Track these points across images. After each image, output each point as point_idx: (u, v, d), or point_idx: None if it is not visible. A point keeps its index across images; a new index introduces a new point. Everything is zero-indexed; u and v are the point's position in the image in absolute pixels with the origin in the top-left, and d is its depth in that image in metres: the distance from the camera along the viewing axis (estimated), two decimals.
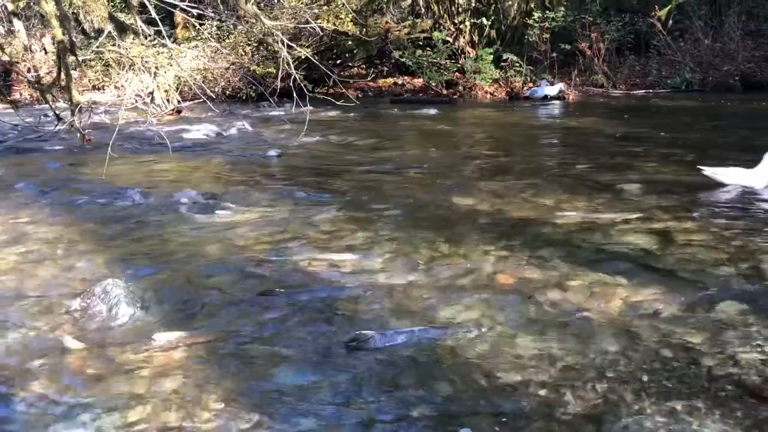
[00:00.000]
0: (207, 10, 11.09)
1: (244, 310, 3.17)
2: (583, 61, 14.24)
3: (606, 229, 4.24)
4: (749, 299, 3.09)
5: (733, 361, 2.56)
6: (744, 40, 14.17)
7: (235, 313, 3.14)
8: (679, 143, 7.57)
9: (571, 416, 2.25)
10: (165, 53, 10.61)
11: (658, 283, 3.31)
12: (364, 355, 2.69)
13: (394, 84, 15.20)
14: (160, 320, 3.08)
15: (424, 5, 15.07)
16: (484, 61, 13.97)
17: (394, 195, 5.35)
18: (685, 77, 13.57)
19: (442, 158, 7.27)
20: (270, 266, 3.71)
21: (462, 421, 2.25)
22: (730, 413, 2.23)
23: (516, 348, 2.72)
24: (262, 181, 6.04)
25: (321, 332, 2.92)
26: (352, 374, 2.56)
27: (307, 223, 4.55)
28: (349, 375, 2.55)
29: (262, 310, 3.15)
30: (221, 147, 8.23)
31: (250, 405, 2.36)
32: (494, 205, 4.92)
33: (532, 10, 14.74)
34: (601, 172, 6.07)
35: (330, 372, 2.58)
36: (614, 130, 8.84)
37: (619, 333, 2.82)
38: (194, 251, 4.02)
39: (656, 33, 14.23)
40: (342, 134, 9.00)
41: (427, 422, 2.25)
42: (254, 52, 13.12)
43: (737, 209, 4.82)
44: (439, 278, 3.48)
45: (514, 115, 10.96)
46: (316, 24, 8.76)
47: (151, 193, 5.48)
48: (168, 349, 2.77)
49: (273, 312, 3.13)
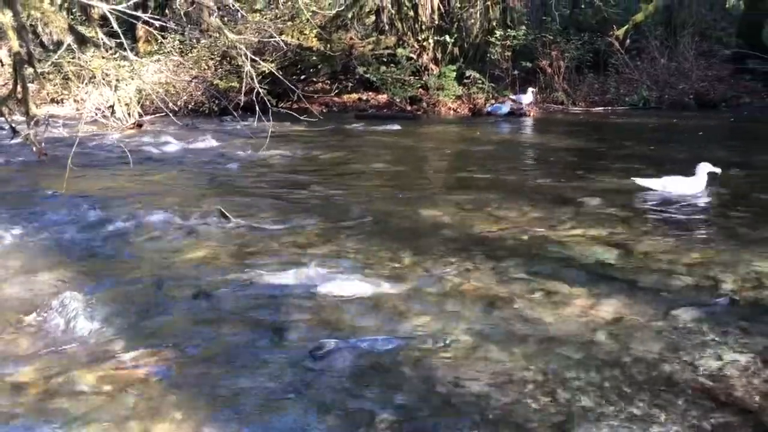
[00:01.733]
0: (170, 23, 11.00)
1: (205, 324, 3.13)
2: (544, 79, 14.50)
3: (566, 240, 4.31)
4: (704, 306, 3.17)
5: (690, 367, 2.62)
6: (698, 60, 14.63)
7: (196, 327, 3.10)
8: (635, 158, 7.75)
9: (534, 424, 2.27)
10: (126, 66, 10.48)
11: (617, 293, 3.38)
12: (326, 364, 2.68)
13: (359, 99, 15.26)
14: (120, 334, 3.02)
15: (388, 22, 15.20)
16: (447, 77, 14.14)
17: (359, 208, 5.36)
18: (643, 95, 13.91)
19: (406, 172, 7.31)
20: (232, 280, 3.67)
21: (423, 429, 2.25)
22: (689, 417, 2.28)
23: (478, 357, 2.74)
24: (225, 195, 5.99)
25: (284, 343, 2.91)
26: (314, 384, 2.54)
27: (270, 236, 4.52)
28: (311, 385, 2.54)
29: (223, 324, 3.12)
30: (184, 161, 8.14)
31: (211, 418, 2.33)
32: (458, 218, 4.97)
33: (494, 28, 14.99)
34: (561, 185, 6.18)
35: (293, 382, 2.56)
36: (574, 146, 9.01)
37: (579, 341, 2.86)
38: (156, 265, 3.96)
39: (614, 52, 14.60)
40: (306, 148, 8.99)
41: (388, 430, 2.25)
42: (217, 66, 13.07)
43: (688, 219, 4.96)
44: (403, 289, 3.49)
45: (476, 131, 11.08)
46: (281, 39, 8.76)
47: (112, 207, 5.38)
48: (128, 364, 2.71)
49: (235, 325, 3.10)
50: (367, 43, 14.57)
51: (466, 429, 2.25)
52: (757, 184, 6.34)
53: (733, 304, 3.23)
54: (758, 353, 2.71)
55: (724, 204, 5.49)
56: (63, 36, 7.21)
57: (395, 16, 15.08)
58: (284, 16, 12.93)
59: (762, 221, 4.72)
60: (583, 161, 7.82)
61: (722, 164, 5.71)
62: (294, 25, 12.55)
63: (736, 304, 3.22)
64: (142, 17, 5.25)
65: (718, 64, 15.03)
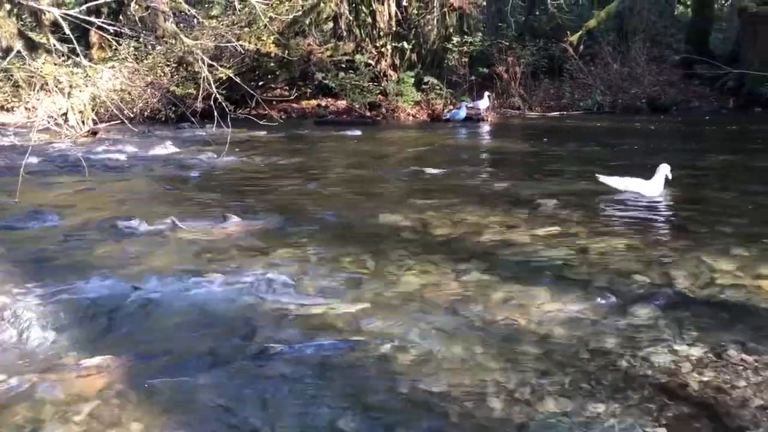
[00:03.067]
0: (124, 29, 10.83)
1: (160, 331, 3.09)
2: (501, 84, 14.70)
3: (525, 241, 4.37)
4: (659, 303, 3.25)
5: (647, 363, 2.68)
6: (649, 65, 15.05)
7: (151, 334, 3.06)
8: (590, 160, 7.90)
9: (494, 422, 2.30)
10: (80, 73, 10.27)
11: (574, 292, 3.44)
12: (273, 368, 2.68)
13: (318, 106, 15.24)
14: (75, 344, 2.95)
15: (346, 28, 15.23)
16: (405, 83, 14.23)
17: (319, 213, 5.35)
18: (596, 100, 14.22)
19: (366, 178, 7.32)
20: (189, 286, 3.63)
21: None
22: (646, 411, 2.33)
23: (438, 358, 2.76)
24: (183, 202, 5.91)
25: (236, 347, 2.89)
26: (262, 387, 2.54)
27: (230, 243, 4.48)
28: (259, 388, 2.53)
29: (178, 330, 3.09)
30: (141, 168, 8.01)
31: (164, 425, 2.30)
32: (418, 222, 4.99)
33: (451, 34, 15.15)
34: (519, 188, 6.27)
35: (241, 386, 2.55)
36: (530, 150, 9.15)
37: (538, 340, 2.90)
38: (112, 273, 3.88)
39: (569, 58, 14.91)
40: (265, 155, 8.94)
41: None
42: (173, 73, 12.90)
43: (643, 219, 5.08)
44: (364, 292, 3.50)
45: (435, 136, 11.17)
46: (238, 44, 8.68)
47: (67, 216, 5.27)
48: (84, 372, 2.66)
49: (188, 331, 3.07)
50: (326, 50, 14.57)
51: (426, 430, 2.27)
52: (708, 184, 6.55)
53: (684, 300, 3.32)
54: (711, 347, 2.79)
55: (676, 203, 5.64)
56: (12, 42, 7.04)
57: (353, 23, 15.13)
58: (241, 22, 12.83)
59: (711, 220, 4.86)
60: (539, 164, 7.95)
61: (673, 165, 5.86)
62: (251, 31, 12.46)
63: (690, 300, 3.32)
64: (96, 22, 5.16)
65: (668, 69, 15.49)
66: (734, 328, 2.97)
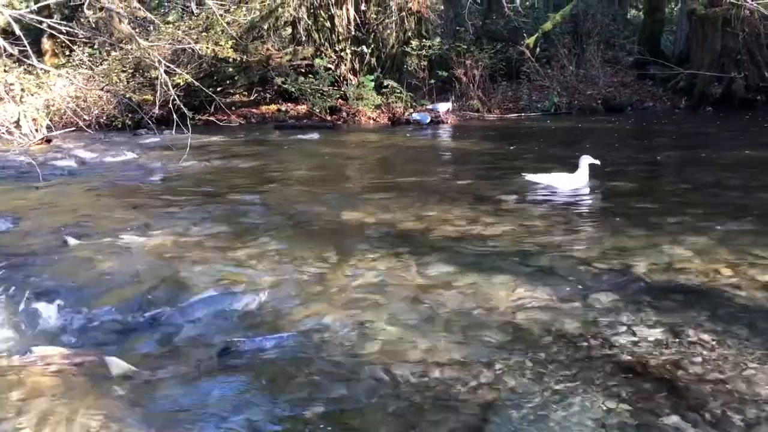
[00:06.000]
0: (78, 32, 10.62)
1: (121, 328, 3.06)
2: (460, 87, 14.82)
3: (487, 234, 4.43)
4: (618, 289, 3.32)
5: (608, 344, 2.74)
6: (604, 66, 15.38)
7: (111, 330, 3.03)
8: (545, 158, 8.02)
9: (461, 405, 2.32)
10: (32, 79, 10.03)
11: (536, 280, 3.49)
12: (233, 361, 2.68)
13: (278, 110, 15.16)
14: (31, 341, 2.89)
15: (305, 33, 15.19)
16: (365, 87, 14.24)
17: (281, 213, 5.33)
18: (553, 101, 14.44)
19: (328, 178, 7.32)
20: (150, 285, 3.58)
21: (344, 419, 2.27)
22: (609, 389, 2.38)
23: (405, 346, 2.77)
24: (143, 206, 5.82)
25: (200, 342, 2.89)
26: (223, 381, 2.55)
27: (192, 243, 4.43)
28: (220, 382, 2.54)
29: (138, 327, 3.07)
30: (97, 175, 7.85)
31: (123, 419, 2.27)
32: (381, 218, 5.01)
33: (410, 38, 15.22)
34: (479, 185, 6.34)
35: (204, 380, 2.56)
36: (490, 150, 9.26)
37: (502, 326, 2.94)
38: (70, 274, 3.82)
39: (526, 60, 15.12)
40: (226, 159, 8.86)
41: (295, 423, 2.25)
42: (129, 79, 12.69)
43: (601, 209, 5.18)
44: (328, 286, 3.50)
45: (396, 139, 11.21)
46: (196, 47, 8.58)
47: (21, 221, 5.16)
48: (41, 367, 2.61)
49: (149, 329, 3.05)
50: (285, 54, 14.51)
51: (395, 413, 2.28)
52: (660, 176, 6.72)
53: (642, 285, 3.40)
54: (668, 328, 2.86)
55: (628, 195, 5.75)
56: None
57: (312, 27, 15.10)
58: (198, 27, 12.69)
59: (663, 210, 4.97)
60: (498, 163, 8.04)
61: (627, 161, 5.98)
62: (209, 36, 12.32)
63: (648, 285, 3.40)
64: (46, 22, 5.05)
65: (622, 71, 15.85)
66: (691, 310, 3.05)
